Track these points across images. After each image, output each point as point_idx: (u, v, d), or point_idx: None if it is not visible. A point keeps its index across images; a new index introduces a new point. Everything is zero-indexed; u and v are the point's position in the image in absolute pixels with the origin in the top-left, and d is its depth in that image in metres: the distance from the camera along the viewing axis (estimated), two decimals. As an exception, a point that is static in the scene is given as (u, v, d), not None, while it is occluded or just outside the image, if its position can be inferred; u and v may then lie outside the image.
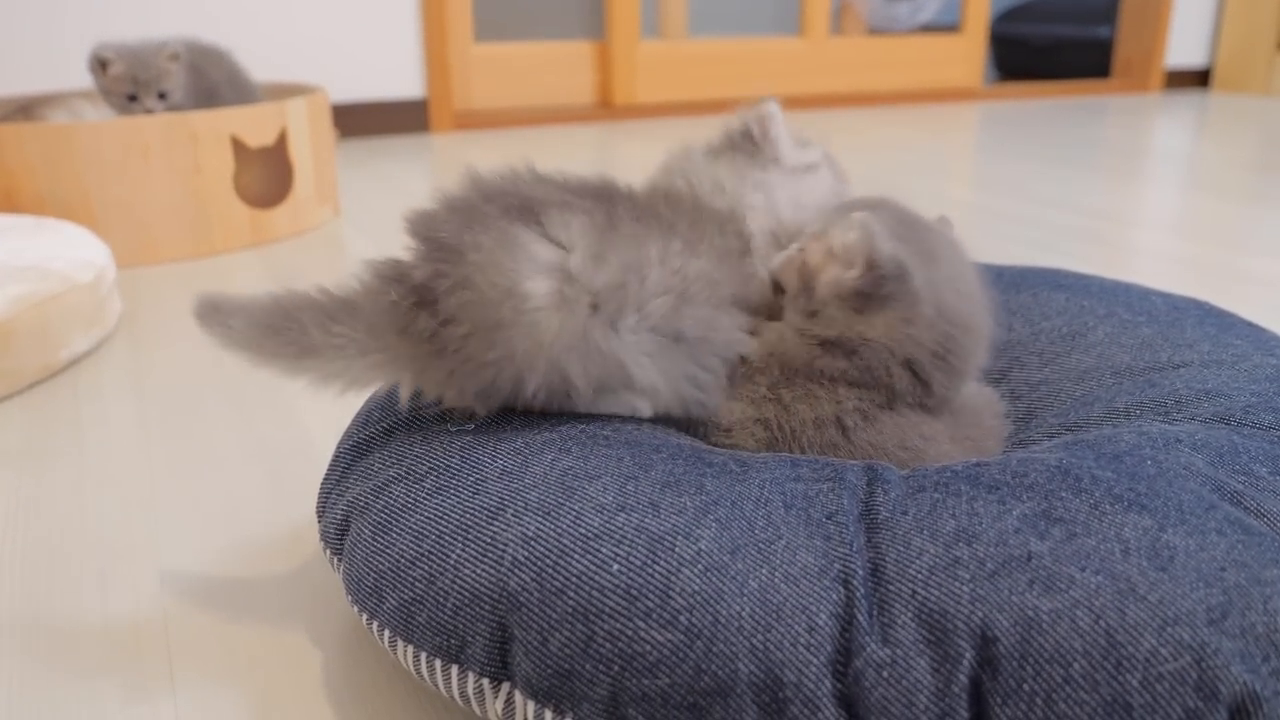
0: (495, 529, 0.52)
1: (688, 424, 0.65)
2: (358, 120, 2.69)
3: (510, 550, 0.51)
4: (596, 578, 0.49)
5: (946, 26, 3.63)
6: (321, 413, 1.00)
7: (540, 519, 0.52)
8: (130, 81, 1.66)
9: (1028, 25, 4.25)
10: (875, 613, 0.48)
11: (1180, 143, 2.73)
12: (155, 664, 0.63)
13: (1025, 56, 4.25)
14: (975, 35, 3.59)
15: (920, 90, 3.54)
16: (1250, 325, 0.79)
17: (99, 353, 1.19)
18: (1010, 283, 0.89)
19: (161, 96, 1.68)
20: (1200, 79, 3.91)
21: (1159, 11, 3.69)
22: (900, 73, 3.51)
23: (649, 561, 0.49)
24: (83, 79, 2.25)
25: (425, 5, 2.70)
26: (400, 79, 2.72)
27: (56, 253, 1.20)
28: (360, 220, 1.85)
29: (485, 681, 0.50)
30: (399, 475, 0.59)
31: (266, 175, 1.68)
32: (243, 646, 0.65)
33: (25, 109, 1.83)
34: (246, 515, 0.80)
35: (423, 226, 0.60)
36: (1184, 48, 3.82)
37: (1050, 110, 3.36)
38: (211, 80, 1.79)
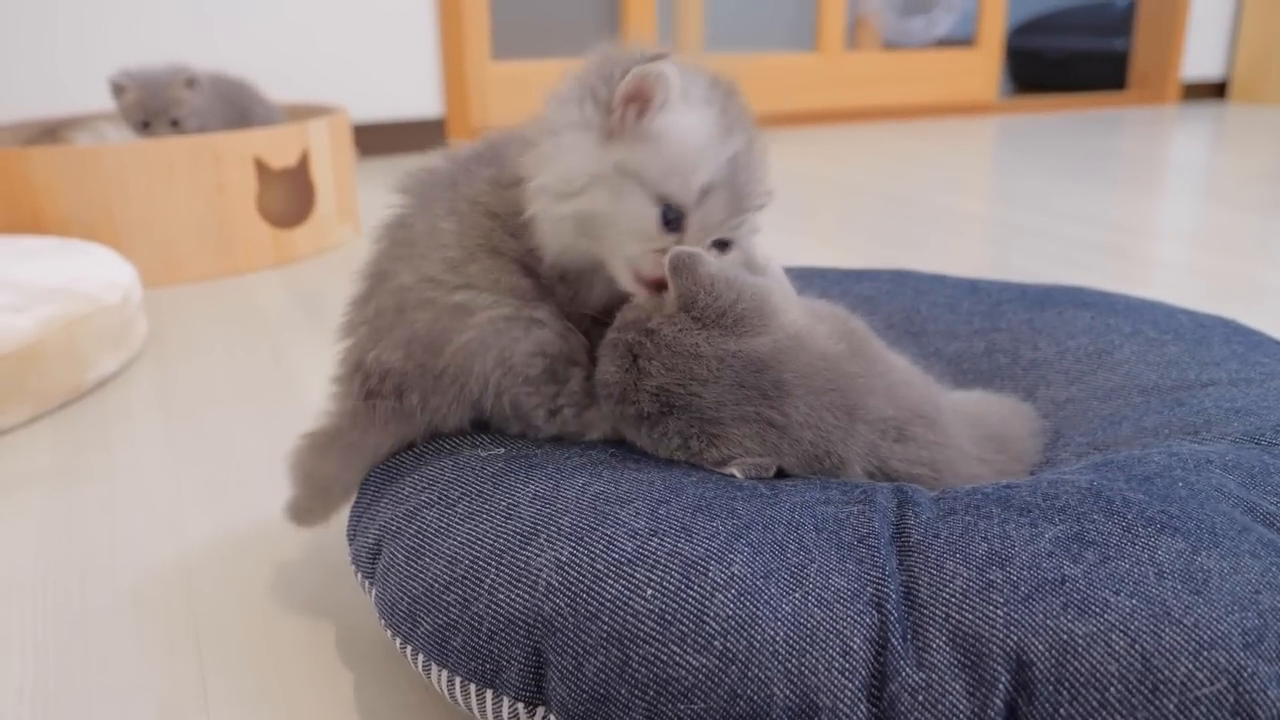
0: (529, 554, 0.53)
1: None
2: (377, 140, 2.71)
3: (544, 575, 0.51)
4: (631, 602, 0.49)
5: (962, 40, 3.64)
6: (347, 433, 1.00)
7: (573, 544, 0.52)
8: (141, 109, 1.69)
9: (1043, 38, 4.25)
10: (909, 636, 0.48)
11: (1198, 155, 2.72)
12: (189, 684, 0.64)
13: (1041, 69, 4.25)
14: (990, 49, 3.59)
15: (936, 104, 3.54)
16: (1278, 343, 0.79)
17: (126, 373, 1.20)
18: (1035, 301, 0.89)
19: (175, 124, 1.70)
20: (1217, 90, 3.90)
21: (1175, 23, 3.69)
22: (916, 87, 3.51)
23: (683, 586, 0.49)
24: (107, 101, 2.27)
25: (443, 24, 2.72)
26: (418, 98, 2.74)
27: (83, 274, 1.21)
28: (380, 239, 1.86)
29: (520, 706, 0.50)
30: (431, 500, 0.59)
31: (289, 195, 1.70)
32: (275, 667, 0.65)
33: (50, 131, 1.85)
34: (276, 535, 0.81)
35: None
36: (1200, 59, 3.81)
37: (1066, 123, 3.36)
38: (242, 108, 1.81)
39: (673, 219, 0.59)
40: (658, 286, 0.60)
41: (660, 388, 0.59)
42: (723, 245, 0.63)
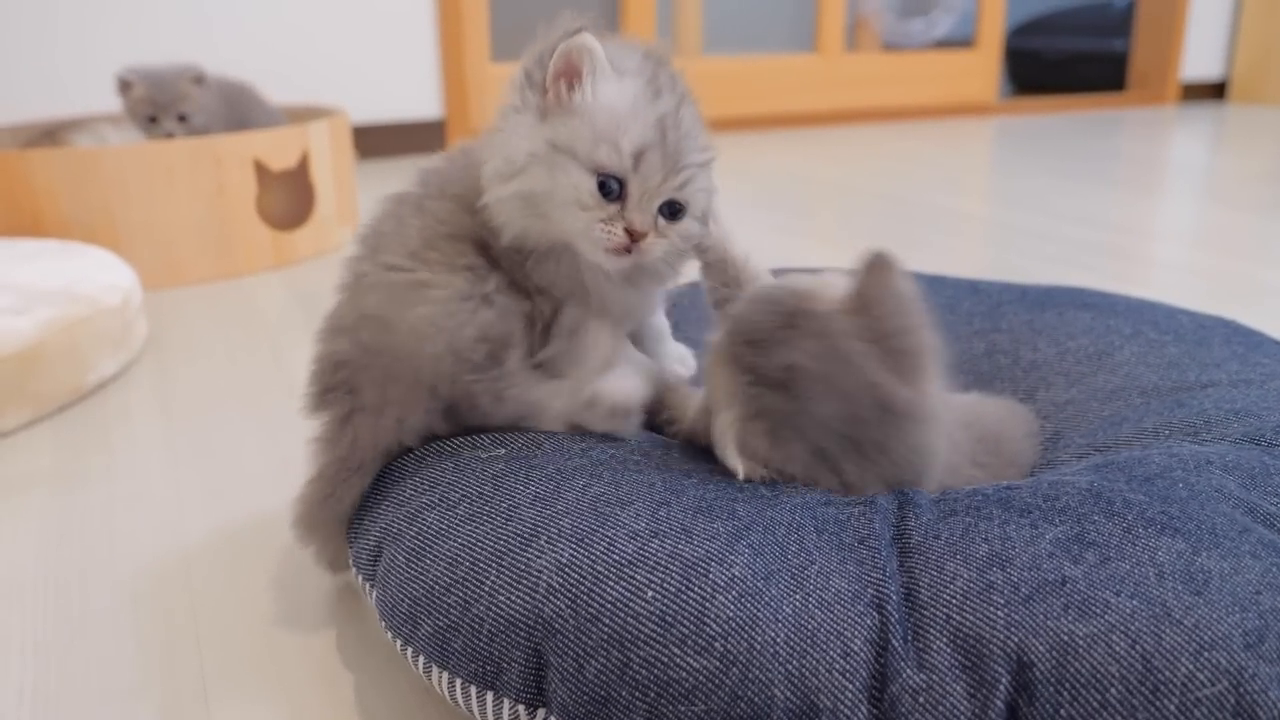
0: (529, 556, 0.53)
1: None
2: (377, 141, 2.71)
3: (545, 577, 0.51)
4: (631, 604, 0.49)
5: (961, 41, 3.64)
6: (347, 435, 1.00)
7: (574, 545, 0.52)
8: (150, 104, 1.68)
9: (1042, 39, 4.25)
10: (910, 638, 0.48)
11: (1197, 155, 2.72)
12: (189, 686, 0.64)
13: (1040, 70, 4.25)
14: (990, 50, 3.59)
15: (935, 105, 3.54)
16: (1278, 344, 0.79)
17: (126, 375, 1.20)
18: (1035, 302, 0.89)
19: (182, 119, 1.70)
20: (1216, 91, 3.90)
21: (1174, 24, 3.69)
22: (915, 88, 3.52)
23: (683, 587, 0.49)
24: (107, 103, 2.27)
25: (442, 26, 2.72)
26: (418, 100, 2.74)
27: (84, 276, 1.21)
28: (380, 240, 1.86)
29: (521, 708, 0.50)
30: (432, 502, 0.59)
31: (288, 197, 1.70)
32: (276, 668, 0.65)
33: (50, 134, 1.85)
34: (275, 537, 0.81)
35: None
36: (1200, 60, 3.81)
37: (1065, 124, 3.36)
38: (243, 112, 1.81)
39: (611, 187, 0.60)
40: (625, 251, 0.61)
41: (792, 365, 0.56)
42: (675, 210, 0.62)
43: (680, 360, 0.78)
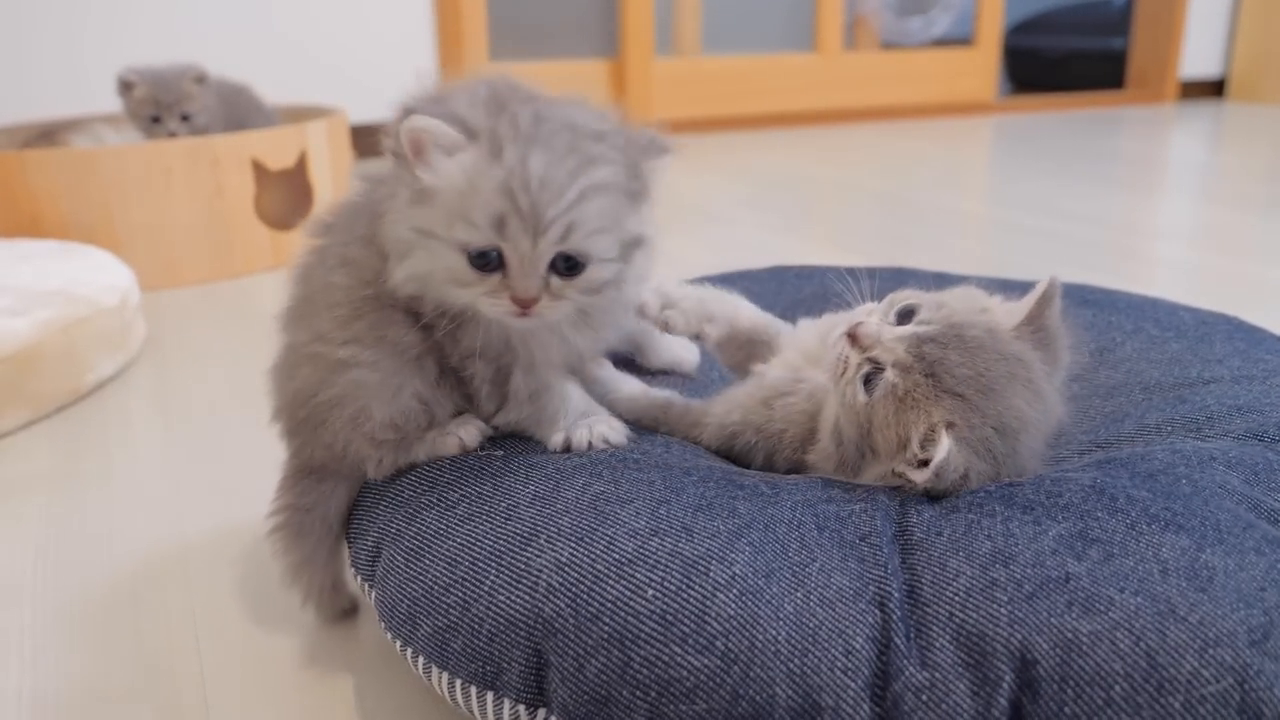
0: (529, 555, 0.52)
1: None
2: (375, 141, 2.70)
3: (545, 576, 0.51)
4: (632, 603, 0.49)
5: (959, 40, 3.63)
6: (346, 435, 1.00)
7: (574, 545, 0.52)
8: (153, 104, 1.68)
9: (1041, 37, 4.24)
10: (913, 635, 0.47)
11: (1197, 153, 2.72)
12: (189, 687, 0.63)
13: (1038, 69, 4.25)
14: (988, 48, 3.59)
15: (934, 104, 3.54)
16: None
17: (124, 376, 1.19)
18: (1035, 299, 0.88)
19: (185, 119, 1.70)
20: (1215, 89, 3.90)
21: (1173, 22, 3.69)
22: (914, 87, 3.51)
23: (684, 586, 0.49)
24: (104, 104, 2.27)
25: (440, 25, 2.72)
26: (416, 99, 2.73)
27: (82, 277, 1.21)
28: (379, 241, 1.85)
29: (521, 708, 0.50)
30: (430, 502, 0.59)
31: (287, 197, 1.69)
32: (275, 670, 0.65)
33: (48, 134, 1.85)
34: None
35: None
36: (1198, 58, 3.81)
37: (1064, 122, 3.35)
38: (240, 113, 1.81)
39: (490, 258, 0.55)
40: (522, 315, 0.57)
41: (968, 376, 0.56)
42: (571, 264, 0.56)
43: (685, 347, 0.77)
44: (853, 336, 0.59)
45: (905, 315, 0.60)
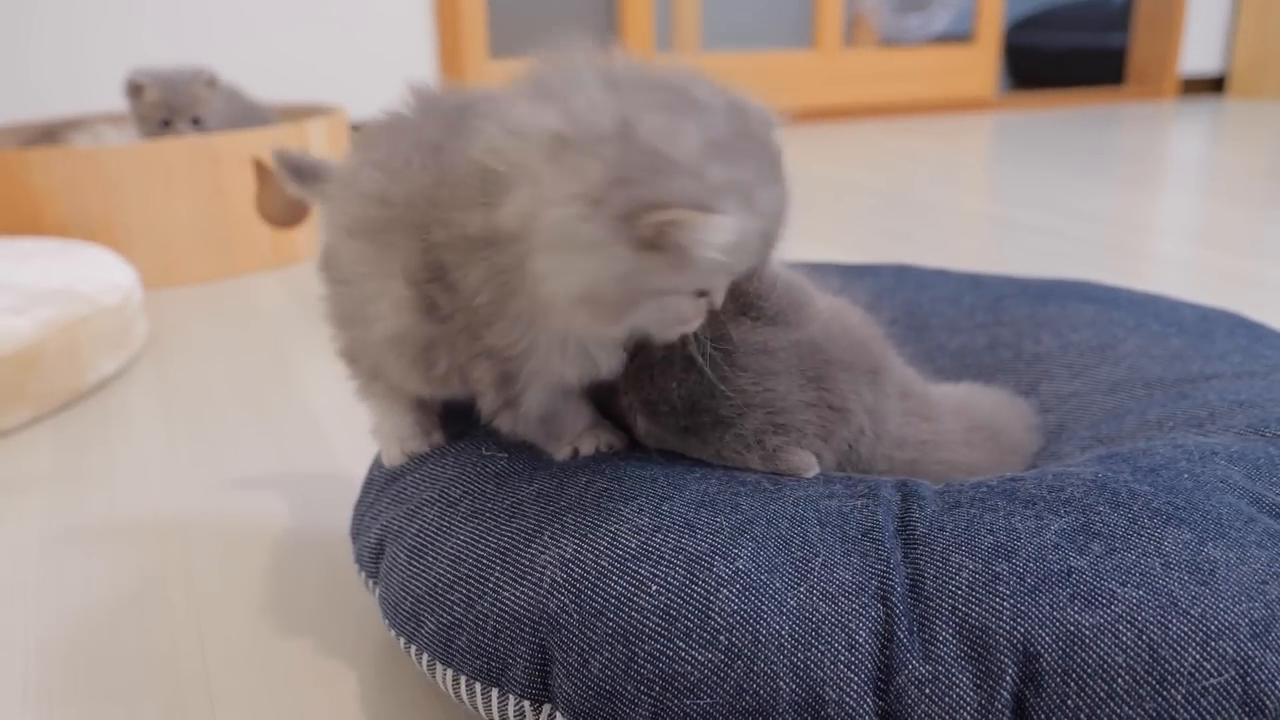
0: (533, 551, 0.52)
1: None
2: (374, 139, 2.70)
3: (549, 573, 0.51)
4: (635, 599, 0.49)
5: (959, 36, 3.63)
6: (349, 433, 1.00)
7: (577, 541, 0.52)
8: (165, 108, 1.68)
9: (1041, 34, 4.24)
10: (915, 629, 0.48)
11: (1197, 150, 2.72)
12: (193, 686, 0.63)
13: (1038, 65, 4.25)
14: (988, 45, 3.59)
15: (934, 101, 3.54)
16: (1280, 335, 0.78)
17: (126, 375, 1.20)
18: (1037, 295, 0.89)
19: (196, 122, 1.70)
20: (1215, 85, 3.89)
21: (1173, 18, 3.69)
22: (913, 83, 3.51)
23: (687, 582, 0.49)
24: (105, 103, 2.27)
25: (440, 21, 2.72)
26: (416, 98, 2.73)
27: (83, 275, 1.21)
28: (380, 239, 1.85)
29: (526, 704, 0.50)
30: (433, 499, 0.59)
31: (287, 196, 1.69)
32: (279, 667, 0.65)
33: (49, 133, 1.85)
34: (277, 536, 0.81)
35: None
36: (1199, 54, 3.81)
37: (1064, 119, 3.35)
38: (238, 114, 1.81)
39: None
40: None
41: (738, 389, 0.59)
42: None
43: None
44: None
45: None
